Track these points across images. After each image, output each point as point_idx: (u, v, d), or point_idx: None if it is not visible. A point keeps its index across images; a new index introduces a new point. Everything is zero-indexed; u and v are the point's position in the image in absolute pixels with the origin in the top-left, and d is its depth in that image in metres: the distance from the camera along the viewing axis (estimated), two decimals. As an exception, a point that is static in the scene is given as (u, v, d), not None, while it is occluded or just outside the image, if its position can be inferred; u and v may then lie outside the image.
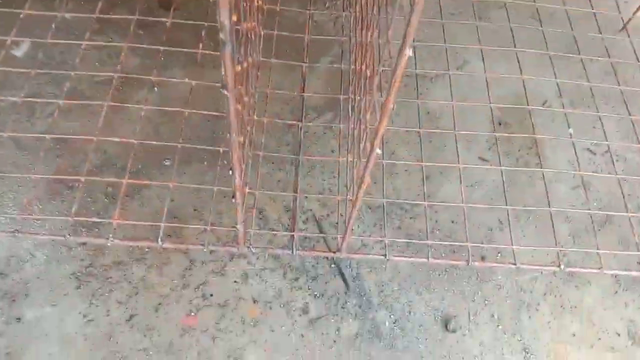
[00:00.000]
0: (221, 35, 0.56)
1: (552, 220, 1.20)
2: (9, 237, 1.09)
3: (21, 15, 1.29)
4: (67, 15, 1.33)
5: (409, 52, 0.57)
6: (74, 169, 1.20)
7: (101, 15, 1.34)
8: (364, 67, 1.02)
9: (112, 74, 1.27)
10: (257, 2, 1.15)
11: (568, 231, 1.29)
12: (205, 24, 1.32)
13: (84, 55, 1.34)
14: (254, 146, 1.19)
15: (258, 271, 1.14)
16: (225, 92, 0.64)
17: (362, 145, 0.96)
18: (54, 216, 1.13)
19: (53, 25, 1.33)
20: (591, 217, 1.22)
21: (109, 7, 1.41)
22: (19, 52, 1.34)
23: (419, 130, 1.26)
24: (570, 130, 1.36)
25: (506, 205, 1.23)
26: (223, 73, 0.63)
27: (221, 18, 0.54)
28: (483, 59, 1.43)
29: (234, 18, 0.56)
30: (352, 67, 1.28)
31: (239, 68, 0.80)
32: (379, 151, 0.71)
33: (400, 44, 0.56)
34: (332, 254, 1.08)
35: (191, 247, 1.09)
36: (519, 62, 1.43)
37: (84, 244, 1.11)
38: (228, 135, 0.73)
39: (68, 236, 0.98)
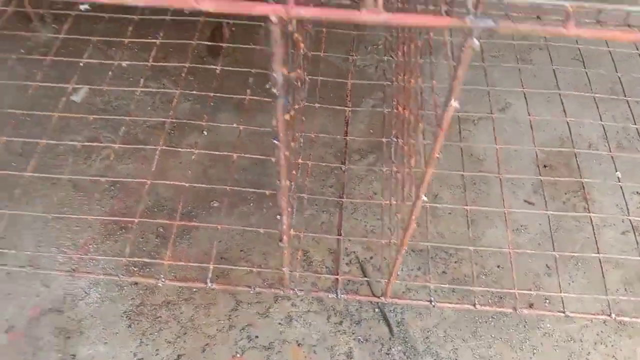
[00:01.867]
0: (275, 90, 0.60)
1: (601, 267, 1.18)
2: (66, 275, 1.13)
3: (81, 64, 1.38)
4: (124, 64, 1.41)
5: (455, 104, 0.58)
6: (127, 210, 1.25)
7: (155, 63, 1.42)
8: (406, 112, 1.04)
9: (164, 119, 1.34)
10: (303, 50, 1.19)
11: (619, 278, 1.25)
12: (252, 70, 1.37)
13: (138, 100, 1.41)
14: (298, 189, 1.21)
15: (302, 314, 1.15)
16: (277, 142, 0.67)
17: (406, 190, 0.98)
18: (108, 256, 1.17)
19: (110, 73, 1.41)
20: (643, 263, 1.19)
21: (162, 55, 1.49)
22: (77, 98, 1.42)
23: (462, 173, 1.26)
24: (618, 174, 1.34)
25: (553, 250, 1.21)
26: (275, 124, 0.66)
27: (275, 75, 0.57)
28: (526, 102, 1.43)
29: (284, 70, 0.59)
30: (395, 111, 1.31)
31: (287, 117, 0.84)
32: (425, 198, 0.72)
33: (447, 94, 0.58)
34: (376, 299, 1.08)
35: (239, 288, 1.11)
36: (562, 104, 1.43)
37: (136, 283, 1.14)
38: (277, 181, 0.76)
39: (121, 276, 1.02)
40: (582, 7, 0.52)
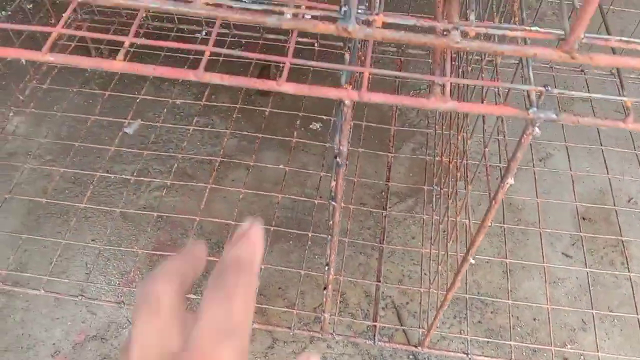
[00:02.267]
0: (338, 159, 0.63)
1: (638, 326, 1.17)
2: (112, 305, 1.18)
3: (137, 100, 1.44)
4: (178, 101, 1.48)
5: (511, 180, 0.61)
6: (172, 242, 1.29)
7: (207, 103, 1.48)
8: (450, 164, 1.07)
9: (213, 156, 1.39)
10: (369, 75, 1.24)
11: (657, 337, 1.24)
12: (300, 114, 1.42)
13: (188, 136, 1.47)
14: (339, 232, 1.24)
15: (337, 356, 1.17)
16: (334, 203, 0.70)
17: (449, 243, 1.00)
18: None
19: (164, 109, 1.48)
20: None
21: (212, 92, 1.55)
22: (130, 130, 1.49)
23: (502, 225, 1.28)
24: (659, 235, 1.33)
25: (591, 306, 1.21)
26: (332, 186, 0.70)
27: (340, 147, 0.61)
28: (567, 153, 1.44)
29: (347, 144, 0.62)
30: (437, 158, 1.34)
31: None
32: (472, 261, 0.75)
33: (503, 174, 0.61)
34: (412, 348, 1.09)
35: (278, 329, 1.14)
36: (604, 157, 1.44)
37: (178, 316, 1.18)
38: (327, 235, 0.79)
39: (166, 310, 1.06)
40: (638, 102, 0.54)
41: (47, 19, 1.57)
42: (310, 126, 1.52)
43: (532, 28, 0.53)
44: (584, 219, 1.43)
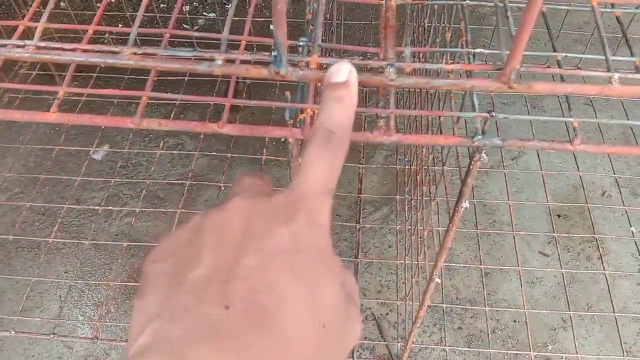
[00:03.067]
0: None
1: (616, 323, 1.18)
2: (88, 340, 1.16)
3: (102, 126, 1.42)
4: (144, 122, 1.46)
5: (466, 204, 0.60)
6: (146, 269, 1.28)
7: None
8: (418, 176, 1.06)
9: (184, 177, 1.37)
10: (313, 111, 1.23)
11: (637, 330, 1.25)
12: (268, 125, 1.41)
13: (157, 157, 1.45)
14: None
15: (319, 373, 1.16)
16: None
17: (419, 257, 0.99)
18: (129, 316, 1.20)
19: (131, 132, 1.46)
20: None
21: (180, 110, 1.53)
22: (98, 156, 1.46)
23: (476, 230, 1.28)
24: (632, 229, 1.34)
25: (569, 303, 1.22)
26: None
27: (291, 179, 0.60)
28: (538, 151, 1.44)
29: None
30: (407, 167, 1.33)
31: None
32: (438, 280, 0.74)
33: (457, 197, 0.60)
34: (392, 362, 1.09)
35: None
36: (574, 154, 1.44)
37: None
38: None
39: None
40: (587, 121, 0.54)
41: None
42: (282, 140, 1.51)
43: (474, 61, 0.52)
44: (559, 216, 1.43)
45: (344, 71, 0.34)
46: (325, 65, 0.47)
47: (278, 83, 1.49)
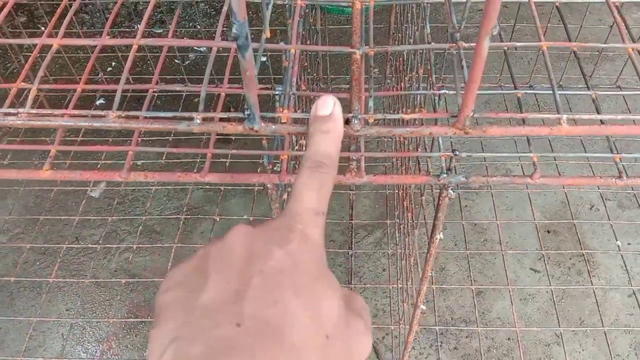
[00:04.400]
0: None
1: (606, 336, 1.20)
2: (91, 375, 1.18)
3: (98, 165, 1.46)
4: (139, 162, 1.50)
5: (440, 236, 0.64)
6: (147, 304, 1.30)
7: (168, 161, 1.50)
8: (404, 202, 1.09)
9: (179, 210, 1.41)
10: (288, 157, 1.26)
11: (629, 342, 1.27)
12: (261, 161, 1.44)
13: (153, 192, 1.49)
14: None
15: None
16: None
17: (407, 282, 1.02)
18: (130, 350, 1.23)
19: (126, 166, 1.49)
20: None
21: (174, 145, 1.57)
22: (96, 194, 1.50)
23: (468, 251, 1.31)
24: (618, 243, 1.37)
25: (561, 319, 1.24)
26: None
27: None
28: (522, 169, 1.48)
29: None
30: (396, 191, 1.36)
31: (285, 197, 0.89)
32: (423, 307, 0.77)
33: (431, 230, 0.63)
34: (388, 386, 1.11)
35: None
36: (558, 170, 1.47)
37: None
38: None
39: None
40: (545, 155, 0.58)
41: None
42: (275, 168, 1.54)
43: (439, 101, 0.56)
44: (548, 232, 1.46)
45: (329, 104, 0.38)
46: (296, 120, 0.51)
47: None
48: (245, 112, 0.49)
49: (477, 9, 1.49)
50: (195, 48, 1.89)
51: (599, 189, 1.42)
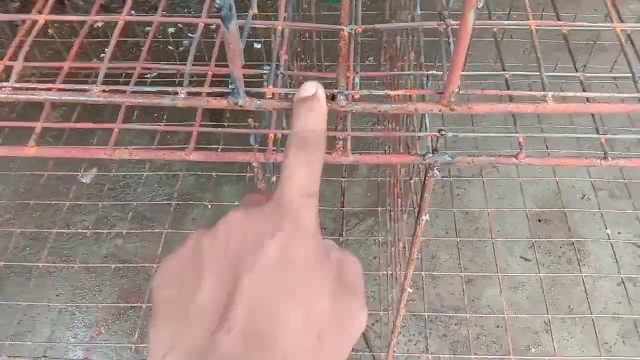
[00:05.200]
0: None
1: (594, 324, 1.21)
2: (80, 360, 1.18)
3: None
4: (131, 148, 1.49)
5: (426, 217, 0.64)
6: (136, 289, 1.30)
7: (160, 146, 1.49)
8: (395, 188, 1.09)
9: (171, 196, 1.41)
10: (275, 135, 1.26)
11: (617, 330, 1.28)
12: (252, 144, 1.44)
13: (144, 178, 1.48)
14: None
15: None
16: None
17: (396, 268, 1.02)
18: (119, 336, 1.23)
19: (111, 143, 1.49)
20: None
21: (167, 132, 1.56)
22: (87, 179, 1.49)
23: (459, 238, 1.31)
24: (608, 231, 1.37)
25: (550, 307, 1.25)
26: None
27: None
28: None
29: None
30: (388, 179, 1.36)
31: (274, 179, 0.89)
32: (410, 290, 0.77)
33: (417, 211, 0.63)
34: (377, 372, 1.11)
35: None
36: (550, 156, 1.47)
37: (146, 364, 1.19)
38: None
39: (132, 360, 1.07)
40: (532, 136, 0.58)
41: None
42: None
43: (428, 82, 0.56)
44: (539, 220, 1.46)
45: (311, 87, 0.38)
46: (280, 94, 0.51)
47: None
48: (230, 87, 0.49)
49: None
50: (189, 35, 1.88)
51: (590, 177, 1.42)
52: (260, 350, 0.26)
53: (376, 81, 1.50)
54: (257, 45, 1.64)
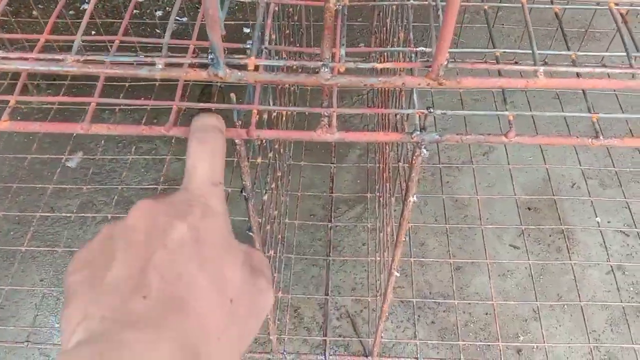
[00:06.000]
0: (244, 194, 0.64)
1: (582, 312, 1.21)
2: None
3: (74, 134, 1.43)
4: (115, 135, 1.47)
5: (413, 198, 0.62)
6: (121, 274, 1.28)
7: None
8: (384, 174, 1.08)
9: (156, 183, 1.38)
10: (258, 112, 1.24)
11: (605, 318, 1.28)
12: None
13: (130, 163, 1.46)
14: (287, 247, 1.25)
15: (294, 371, 1.18)
16: (251, 234, 0.70)
17: (385, 252, 1.01)
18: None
19: (105, 138, 1.46)
20: (628, 304, 1.22)
21: (153, 115, 1.54)
22: (72, 163, 1.47)
23: (448, 225, 1.30)
24: (598, 219, 1.37)
25: (539, 295, 1.24)
26: (248, 219, 0.70)
27: (244, 181, 0.62)
28: (506, 146, 1.47)
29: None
30: (378, 165, 1.35)
31: (265, 197, 0.88)
32: (397, 274, 0.76)
33: (404, 193, 0.62)
34: (364, 358, 1.10)
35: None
36: (541, 147, 1.47)
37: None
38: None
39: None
40: (521, 114, 0.56)
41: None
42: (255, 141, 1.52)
43: (416, 59, 0.54)
44: (529, 209, 1.46)
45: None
46: (263, 67, 0.49)
47: (249, 86, 1.50)
48: (209, 57, 0.47)
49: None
50: (176, 18, 1.85)
51: (580, 165, 1.42)
52: (174, 313, 0.27)
53: (364, 59, 1.48)
54: (246, 30, 1.61)
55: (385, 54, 0.87)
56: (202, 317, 0.28)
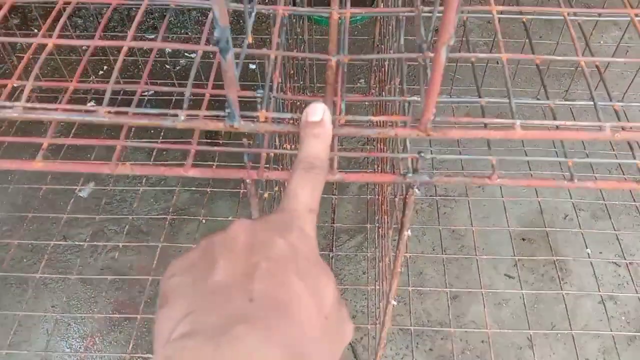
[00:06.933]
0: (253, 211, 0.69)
1: (574, 341, 1.25)
2: (74, 369, 1.21)
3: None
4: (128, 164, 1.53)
5: (408, 232, 0.68)
6: (131, 301, 1.33)
7: (156, 162, 1.53)
8: (383, 206, 1.14)
9: (165, 213, 1.44)
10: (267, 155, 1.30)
11: (597, 347, 1.32)
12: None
13: (141, 193, 1.52)
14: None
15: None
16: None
17: (384, 282, 1.06)
18: (114, 346, 1.25)
19: (114, 159, 1.53)
20: (620, 333, 1.26)
21: (163, 148, 1.61)
22: (84, 193, 1.53)
23: (443, 255, 1.36)
24: (588, 250, 1.42)
25: (533, 323, 1.29)
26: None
27: (253, 215, 0.67)
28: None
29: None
30: (377, 196, 1.41)
31: (266, 195, 0.93)
32: (394, 303, 0.81)
33: (399, 229, 0.68)
34: (363, 383, 1.15)
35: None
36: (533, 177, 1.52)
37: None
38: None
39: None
40: (503, 159, 0.62)
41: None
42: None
43: (409, 107, 0.60)
44: (523, 239, 1.51)
45: (319, 110, 0.42)
46: (272, 119, 0.55)
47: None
48: (226, 111, 0.53)
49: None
50: (185, 54, 1.93)
51: (571, 198, 1.47)
52: (280, 317, 0.28)
53: (366, 103, 1.55)
54: (252, 66, 1.69)
55: (382, 101, 0.94)
56: (302, 323, 0.29)
